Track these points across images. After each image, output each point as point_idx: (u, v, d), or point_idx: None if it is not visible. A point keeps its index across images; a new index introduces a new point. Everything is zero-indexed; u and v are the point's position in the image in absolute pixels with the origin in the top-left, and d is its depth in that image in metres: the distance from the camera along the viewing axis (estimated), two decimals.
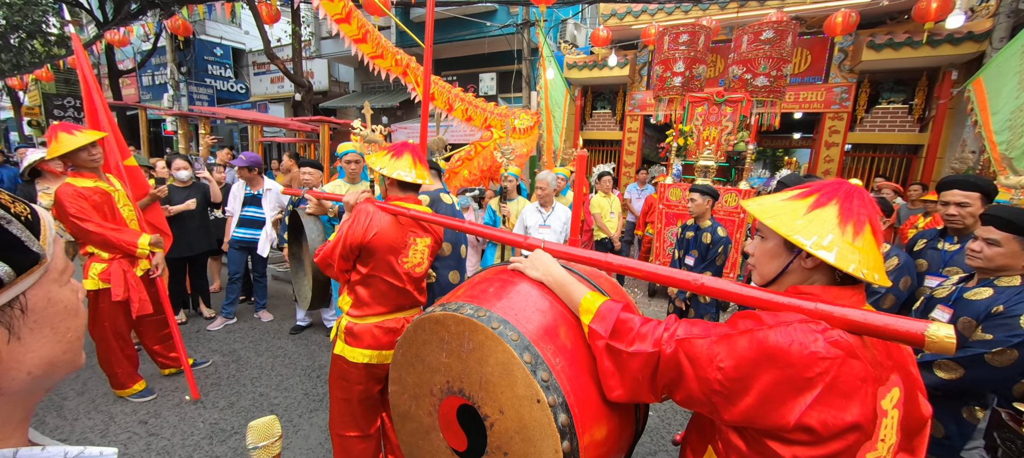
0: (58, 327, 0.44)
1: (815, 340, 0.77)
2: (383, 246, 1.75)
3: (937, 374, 1.54)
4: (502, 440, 1.01)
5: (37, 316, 0.41)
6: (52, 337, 0.43)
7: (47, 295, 0.43)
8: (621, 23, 8.07)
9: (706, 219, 3.29)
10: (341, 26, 5.08)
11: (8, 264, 0.38)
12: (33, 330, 0.41)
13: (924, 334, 0.72)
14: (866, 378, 0.78)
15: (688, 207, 3.34)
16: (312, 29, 11.68)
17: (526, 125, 6.90)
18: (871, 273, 0.81)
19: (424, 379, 1.19)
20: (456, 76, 10.51)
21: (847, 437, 0.76)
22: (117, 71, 12.01)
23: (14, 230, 0.39)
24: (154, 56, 12.88)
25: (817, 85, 7.35)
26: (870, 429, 0.79)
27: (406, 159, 1.82)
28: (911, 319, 0.75)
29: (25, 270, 0.40)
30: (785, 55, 5.13)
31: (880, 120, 7.34)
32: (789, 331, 0.79)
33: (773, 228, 0.87)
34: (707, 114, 5.67)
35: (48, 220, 0.45)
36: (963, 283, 1.69)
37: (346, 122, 7.12)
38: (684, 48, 5.61)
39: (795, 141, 10.97)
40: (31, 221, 0.42)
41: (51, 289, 0.43)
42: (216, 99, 14.01)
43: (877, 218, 0.86)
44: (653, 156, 9.70)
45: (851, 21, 6.13)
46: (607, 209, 5.29)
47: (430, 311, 1.16)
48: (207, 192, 4.20)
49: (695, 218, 3.34)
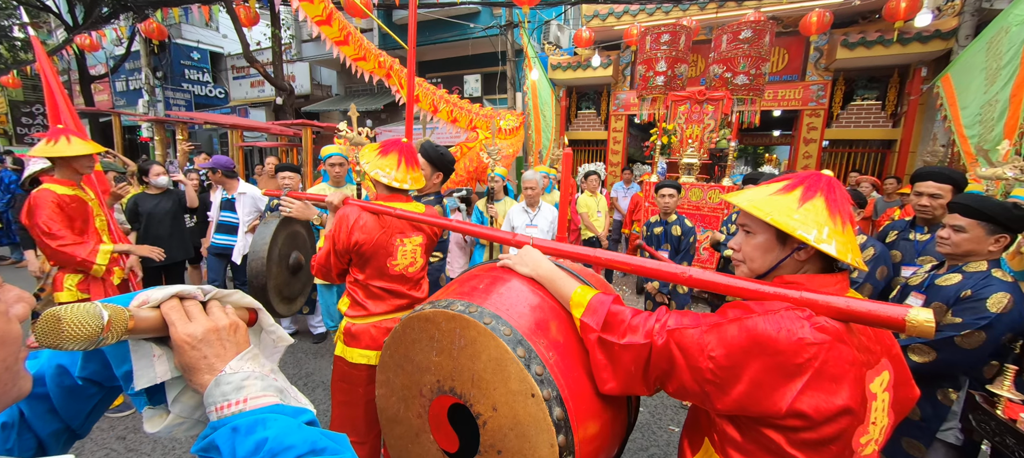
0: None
1: (802, 326, 0.78)
2: (370, 249, 1.71)
3: (911, 358, 1.59)
4: (496, 438, 0.99)
5: None
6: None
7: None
8: (603, 24, 8.16)
9: (673, 213, 3.51)
10: (322, 28, 5.01)
11: None
12: None
13: (904, 318, 0.74)
14: (854, 362, 0.79)
15: (661, 202, 3.50)
16: (293, 32, 11.49)
17: (512, 126, 6.91)
18: (855, 259, 0.83)
19: (413, 380, 1.17)
20: (440, 78, 10.47)
21: (839, 421, 0.78)
22: (89, 77, 11.59)
23: None
24: (128, 61, 12.48)
25: (795, 83, 7.55)
26: (861, 412, 0.81)
27: (390, 159, 1.74)
28: (892, 304, 0.77)
29: None
30: (763, 54, 5.26)
31: (855, 116, 7.58)
32: (776, 319, 0.80)
33: (774, 223, 0.87)
34: (689, 113, 5.76)
35: None
36: (935, 270, 1.75)
37: (330, 125, 7.02)
38: (666, 48, 5.70)
39: (775, 138, 11.24)
40: None
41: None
42: (194, 104, 13.66)
43: (849, 207, 0.89)
44: (638, 155, 9.82)
45: (825, 21, 6.32)
46: (594, 208, 5.33)
47: (419, 309, 1.14)
48: (182, 198, 4.07)
49: (665, 213, 3.52)
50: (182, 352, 0.56)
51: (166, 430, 0.59)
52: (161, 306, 0.57)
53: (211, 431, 0.53)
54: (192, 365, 0.56)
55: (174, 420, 0.58)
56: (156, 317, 0.56)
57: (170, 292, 0.58)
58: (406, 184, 1.74)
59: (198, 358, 0.56)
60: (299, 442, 0.50)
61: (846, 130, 7.64)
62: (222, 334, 0.58)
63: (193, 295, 0.60)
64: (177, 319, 0.56)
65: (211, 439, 0.52)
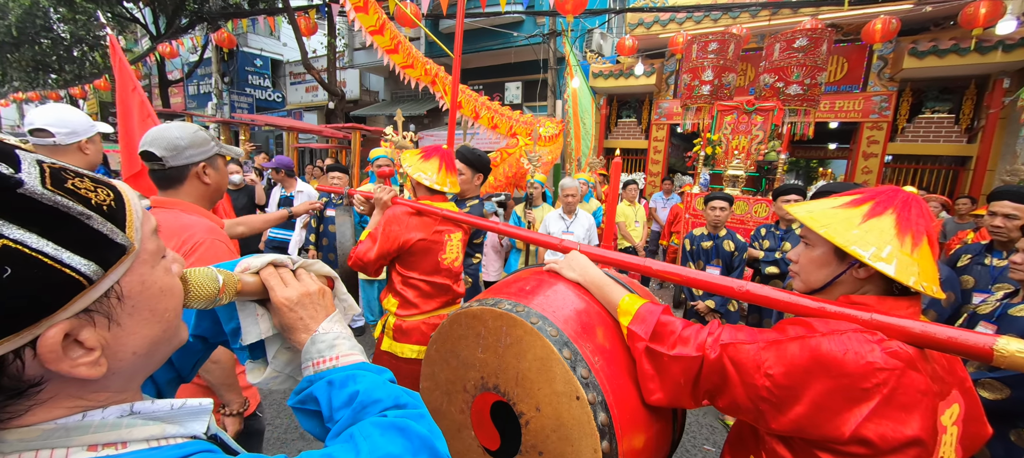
0: (156, 308, 0.45)
1: (872, 350, 0.74)
2: (424, 245, 1.80)
3: (982, 394, 1.47)
4: (538, 439, 1.00)
5: (134, 301, 0.42)
6: (150, 318, 0.44)
7: (141, 280, 0.43)
8: (648, 32, 8.04)
9: (723, 227, 3.29)
10: (374, 37, 5.28)
11: (95, 261, 0.37)
12: (132, 315, 0.42)
13: (993, 348, 0.67)
14: (926, 391, 0.75)
15: (711, 216, 3.27)
16: (346, 40, 12.16)
17: (551, 133, 6.94)
18: (930, 286, 0.78)
19: (458, 375, 1.20)
20: (482, 85, 10.69)
21: (907, 452, 0.73)
22: (167, 81, 12.81)
23: (95, 225, 0.38)
24: (200, 67, 13.68)
25: (854, 94, 7.09)
26: (931, 445, 0.76)
27: (432, 163, 1.85)
28: (977, 332, 0.72)
29: (112, 264, 0.39)
30: (820, 63, 5.00)
31: (923, 130, 7.00)
32: (843, 340, 0.76)
33: (827, 237, 0.84)
34: (736, 123, 5.56)
35: (134, 205, 0.43)
36: (1008, 299, 1.61)
37: (377, 129, 7.36)
38: (713, 56, 5.55)
39: (831, 152, 10.57)
40: (114, 209, 0.40)
41: (144, 273, 0.43)
42: (255, 107, 14.71)
43: (934, 229, 0.82)
44: (679, 165, 9.56)
45: (891, 28, 5.90)
46: (632, 218, 5.26)
47: (466, 306, 1.17)
48: (253, 194, 4.44)
49: (714, 227, 3.30)
50: (281, 313, 0.63)
51: (264, 382, 0.68)
52: (260, 272, 0.65)
53: (308, 384, 0.60)
54: (290, 325, 0.64)
55: (271, 373, 0.67)
56: (257, 282, 0.64)
57: (266, 260, 0.66)
58: (445, 187, 1.86)
59: (295, 319, 0.63)
60: (385, 396, 0.57)
61: (913, 144, 7.07)
62: (313, 298, 0.65)
63: (285, 263, 0.68)
64: (275, 284, 0.64)
65: (309, 391, 0.59)
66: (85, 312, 0.38)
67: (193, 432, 0.46)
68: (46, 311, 0.35)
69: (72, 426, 0.39)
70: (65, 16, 12.56)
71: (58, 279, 0.35)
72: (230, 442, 0.55)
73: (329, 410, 0.57)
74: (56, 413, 0.39)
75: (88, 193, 0.38)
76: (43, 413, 0.39)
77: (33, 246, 0.34)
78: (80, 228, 0.37)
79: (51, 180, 0.36)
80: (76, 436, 0.39)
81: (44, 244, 0.34)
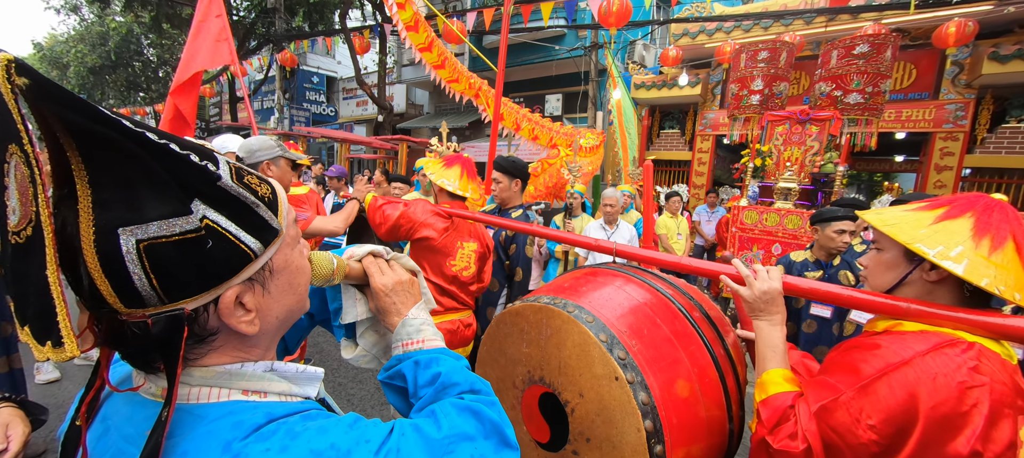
0: (293, 282, 0.54)
1: (958, 369, 0.73)
2: (428, 245, 1.84)
3: None
4: (584, 425, 1.03)
5: (279, 275, 0.52)
6: (289, 290, 0.54)
7: (285, 258, 0.53)
8: (693, 42, 7.90)
9: (838, 255, 2.54)
10: (423, 53, 5.58)
11: (259, 240, 0.47)
12: (277, 285, 0.52)
13: None
14: (1013, 401, 0.74)
15: (832, 243, 2.47)
16: (395, 57, 12.85)
17: (592, 144, 6.96)
18: (1011, 292, 0.73)
19: (507, 372, 1.25)
20: (523, 97, 10.90)
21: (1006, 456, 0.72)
22: (236, 97, 14.09)
23: (261, 212, 0.48)
24: (264, 84, 14.96)
25: (925, 102, 6.57)
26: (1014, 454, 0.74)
27: (454, 170, 1.90)
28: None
29: (270, 243, 0.49)
30: (883, 70, 4.70)
31: (1008, 141, 6.35)
32: (926, 364, 0.75)
33: (891, 235, 0.83)
34: (789, 133, 5.32)
35: (283, 198, 0.53)
36: None
37: (422, 140, 7.71)
38: (763, 65, 5.36)
39: (897, 164, 9.80)
40: (271, 201, 0.50)
41: (287, 252, 0.53)
42: (312, 121, 15.83)
43: (1014, 230, 0.77)
44: (725, 177, 9.22)
45: (967, 31, 5.45)
46: (674, 230, 5.14)
47: (510, 306, 1.25)
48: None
49: (829, 255, 2.54)
50: (379, 298, 0.73)
51: (355, 359, 0.78)
52: (363, 260, 0.75)
53: (397, 362, 0.69)
54: (386, 309, 0.73)
55: (361, 352, 0.77)
56: (360, 268, 0.74)
57: (367, 250, 0.76)
58: (467, 193, 1.92)
59: (390, 304, 0.73)
60: (462, 380, 0.65)
61: (995, 157, 6.43)
62: (405, 286, 0.75)
63: (381, 253, 0.77)
64: (375, 272, 0.74)
65: (397, 368, 0.69)
66: (249, 280, 0.48)
67: (307, 394, 0.55)
68: (230, 275, 0.46)
69: (234, 372, 0.49)
70: (154, 41, 14.18)
71: (238, 251, 0.45)
72: (334, 405, 0.64)
73: (414, 387, 0.66)
74: (223, 360, 0.50)
75: (257, 187, 0.48)
76: (215, 358, 0.49)
77: (224, 226, 0.44)
78: (251, 214, 0.47)
79: (235, 176, 0.46)
80: (236, 381, 0.49)
81: (231, 225, 0.44)
